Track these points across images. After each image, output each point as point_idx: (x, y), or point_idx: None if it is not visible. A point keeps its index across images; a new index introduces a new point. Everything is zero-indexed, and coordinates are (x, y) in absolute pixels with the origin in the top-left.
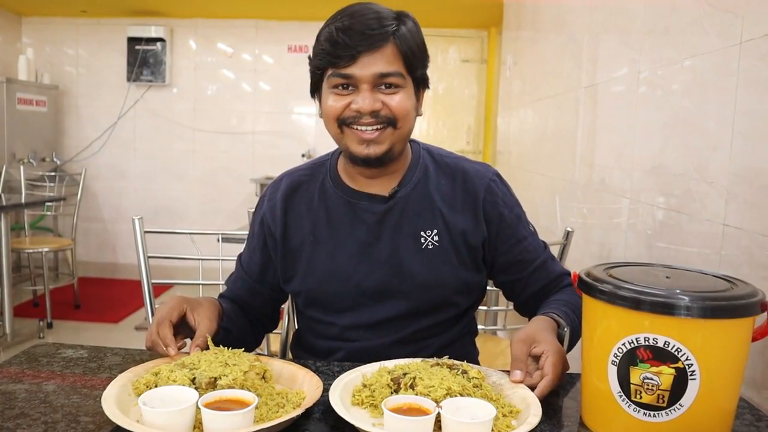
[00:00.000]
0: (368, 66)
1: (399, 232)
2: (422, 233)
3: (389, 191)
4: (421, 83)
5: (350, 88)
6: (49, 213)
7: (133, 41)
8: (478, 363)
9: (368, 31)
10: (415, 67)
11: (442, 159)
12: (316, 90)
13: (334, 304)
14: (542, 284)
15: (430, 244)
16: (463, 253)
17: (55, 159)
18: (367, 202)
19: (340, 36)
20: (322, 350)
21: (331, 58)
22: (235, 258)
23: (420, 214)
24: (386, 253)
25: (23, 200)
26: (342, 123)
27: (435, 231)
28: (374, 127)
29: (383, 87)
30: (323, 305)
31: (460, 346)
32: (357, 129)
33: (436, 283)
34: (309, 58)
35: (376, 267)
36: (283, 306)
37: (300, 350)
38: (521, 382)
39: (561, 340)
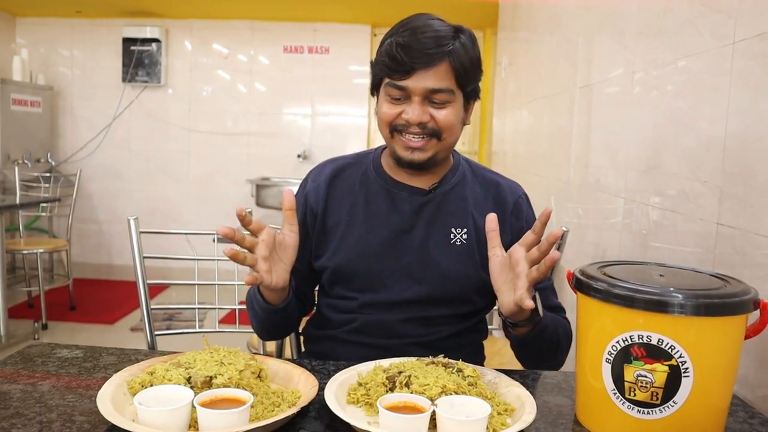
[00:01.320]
0: (421, 80)
1: (432, 225)
2: (453, 230)
3: (429, 186)
4: (471, 95)
5: (403, 98)
6: (44, 214)
7: (128, 42)
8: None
9: (426, 50)
10: (467, 82)
11: (479, 170)
12: (375, 89)
13: (359, 282)
14: None
15: (458, 241)
16: (486, 256)
17: (50, 160)
18: (407, 193)
19: (399, 52)
20: (338, 322)
21: (388, 71)
22: None
23: (454, 212)
24: (417, 242)
25: (18, 201)
26: (393, 129)
27: (465, 230)
28: (420, 137)
29: (433, 101)
30: (348, 282)
31: (469, 340)
32: (405, 137)
33: (458, 276)
34: (370, 62)
35: (405, 252)
36: None
37: (313, 329)
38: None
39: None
